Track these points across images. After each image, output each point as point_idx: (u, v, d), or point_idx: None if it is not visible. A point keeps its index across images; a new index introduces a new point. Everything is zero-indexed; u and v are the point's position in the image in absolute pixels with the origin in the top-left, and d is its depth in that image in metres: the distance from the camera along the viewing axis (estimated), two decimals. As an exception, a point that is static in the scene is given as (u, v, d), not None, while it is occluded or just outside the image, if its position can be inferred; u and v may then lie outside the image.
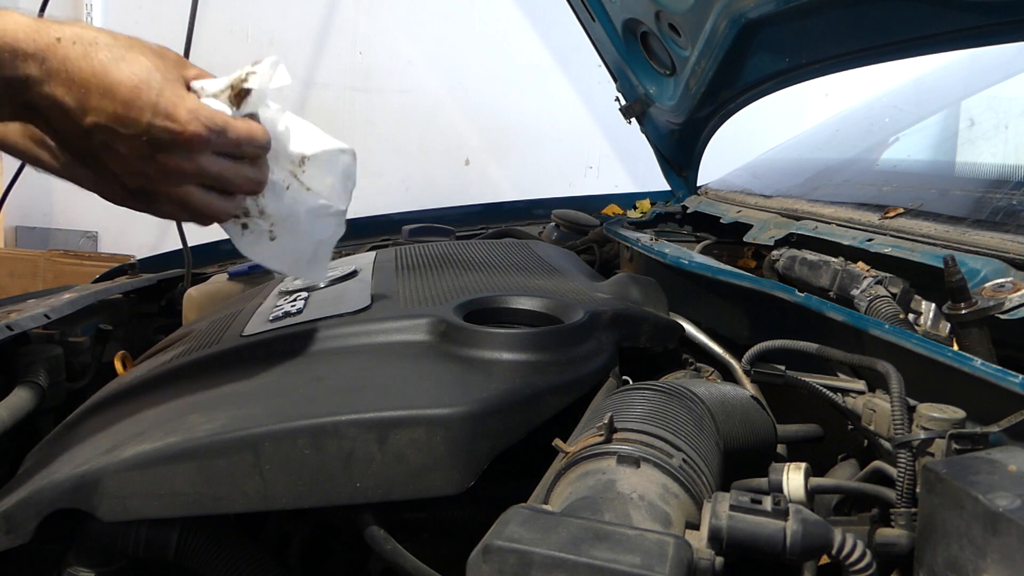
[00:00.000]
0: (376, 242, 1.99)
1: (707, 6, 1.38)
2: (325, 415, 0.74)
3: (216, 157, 0.75)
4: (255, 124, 0.77)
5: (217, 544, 0.77)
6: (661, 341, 1.09)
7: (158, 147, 0.71)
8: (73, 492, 0.72)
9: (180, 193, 0.76)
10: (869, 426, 0.82)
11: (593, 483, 0.62)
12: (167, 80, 0.72)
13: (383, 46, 4.16)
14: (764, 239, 1.35)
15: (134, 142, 0.70)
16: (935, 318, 0.97)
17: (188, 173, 0.74)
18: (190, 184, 0.75)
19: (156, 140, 0.71)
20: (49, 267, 3.44)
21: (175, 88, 0.72)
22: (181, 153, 0.73)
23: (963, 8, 1.08)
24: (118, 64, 0.69)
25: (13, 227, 4.16)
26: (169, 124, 0.71)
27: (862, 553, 0.56)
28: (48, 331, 1.16)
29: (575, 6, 1.81)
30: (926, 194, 1.26)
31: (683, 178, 1.93)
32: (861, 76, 1.46)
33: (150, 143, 0.71)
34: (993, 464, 0.57)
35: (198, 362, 0.96)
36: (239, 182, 0.78)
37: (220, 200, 0.78)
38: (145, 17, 4.00)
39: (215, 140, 0.73)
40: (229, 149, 0.76)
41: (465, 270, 1.22)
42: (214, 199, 0.78)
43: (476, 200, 2.39)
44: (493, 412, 0.75)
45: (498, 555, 0.50)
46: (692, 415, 0.76)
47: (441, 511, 0.82)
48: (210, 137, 0.73)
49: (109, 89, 0.68)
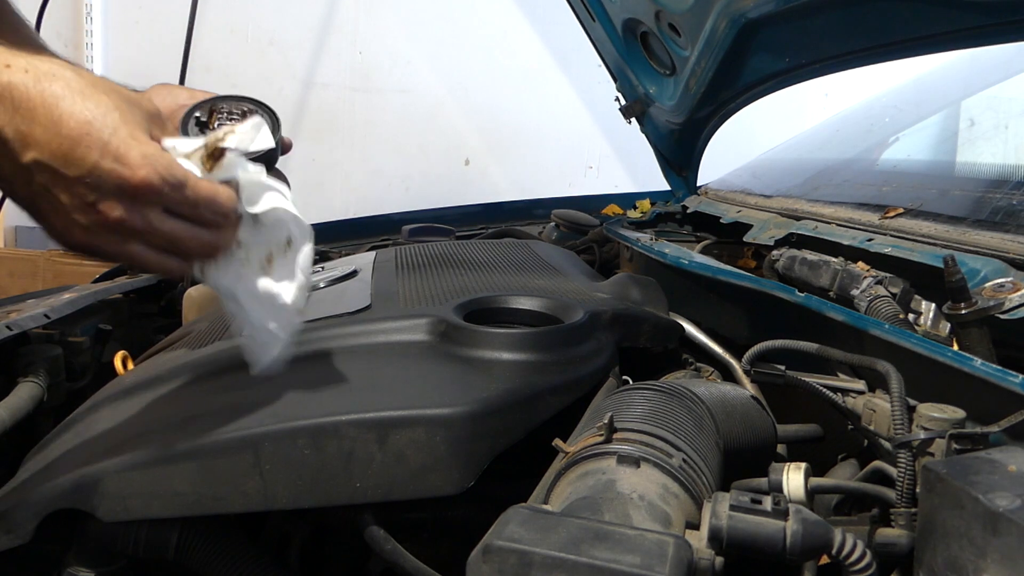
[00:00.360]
0: (376, 242, 1.99)
1: (707, 6, 1.38)
2: (325, 415, 0.74)
3: (168, 216, 0.66)
4: (222, 188, 0.68)
5: (217, 544, 0.77)
6: (661, 341, 1.09)
7: (102, 194, 0.63)
8: (73, 492, 0.72)
9: (125, 252, 0.67)
10: (869, 426, 0.82)
11: (593, 483, 0.62)
12: (125, 122, 0.64)
13: (383, 46, 4.16)
14: (764, 239, 1.35)
15: (76, 188, 0.63)
16: (935, 318, 0.97)
17: (134, 230, 0.65)
18: (136, 243, 0.67)
19: (100, 185, 0.63)
20: (49, 267, 3.44)
21: (132, 131, 0.64)
22: (127, 204, 0.64)
23: (963, 8, 1.08)
24: (72, 98, 0.62)
25: (13, 227, 4.16)
26: (117, 167, 0.62)
27: (862, 553, 0.56)
28: (48, 331, 1.16)
29: (575, 6, 1.81)
30: (926, 194, 1.26)
31: (683, 178, 1.93)
32: (861, 76, 1.46)
33: (93, 188, 0.63)
34: (993, 464, 0.57)
35: (198, 362, 0.96)
36: (192, 246, 0.69)
37: (171, 261, 0.69)
38: (145, 17, 3.99)
39: (168, 194, 0.65)
40: (185, 209, 0.67)
41: (465, 270, 1.22)
42: (164, 260, 0.69)
43: (476, 200, 2.39)
44: (493, 412, 0.75)
45: (498, 555, 0.50)
46: (692, 415, 0.76)
47: (441, 511, 0.82)
48: (162, 189, 0.64)
49: (56, 122, 0.61)
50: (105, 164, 0.62)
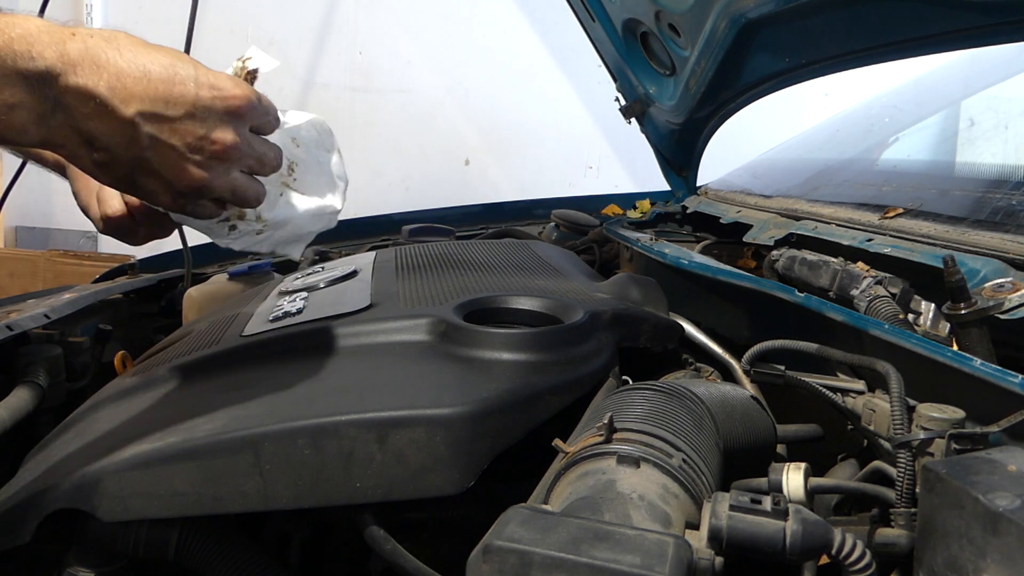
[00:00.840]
0: (376, 242, 1.99)
1: (707, 6, 1.38)
2: (325, 415, 0.74)
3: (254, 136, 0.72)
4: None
5: (217, 544, 0.77)
6: (661, 341, 1.09)
7: (212, 123, 0.67)
8: (73, 492, 0.72)
9: (230, 181, 0.71)
10: (869, 426, 0.82)
11: (593, 483, 0.62)
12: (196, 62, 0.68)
13: (383, 46, 4.17)
14: (764, 239, 1.35)
15: (185, 125, 0.66)
16: (935, 318, 0.97)
17: (239, 153, 0.70)
18: (236, 168, 0.71)
19: (208, 114, 0.66)
20: (49, 267, 3.44)
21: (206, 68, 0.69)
22: (235, 127, 0.69)
23: (963, 8, 1.08)
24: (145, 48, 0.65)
25: (13, 227, 4.16)
26: (217, 93, 0.67)
27: (862, 553, 0.56)
28: (48, 331, 1.16)
29: (575, 6, 1.81)
30: (926, 194, 1.26)
31: (683, 178, 1.93)
32: (861, 76, 1.46)
33: (202, 120, 0.66)
34: (993, 464, 0.57)
35: (198, 362, 0.96)
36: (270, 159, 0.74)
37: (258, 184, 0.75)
38: (145, 17, 4.00)
39: (258, 107, 0.71)
40: (262, 119, 0.73)
41: (465, 270, 1.22)
42: (254, 182, 0.74)
43: (476, 200, 2.39)
44: (493, 412, 0.75)
45: (498, 555, 0.50)
46: (692, 415, 0.76)
47: (441, 511, 0.82)
48: (256, 104, 0.70)
49: (144, 71, 0.64)
50: (205, 93, 0.66)
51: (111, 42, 0.64)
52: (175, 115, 0.65)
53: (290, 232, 0.84)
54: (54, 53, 0.61)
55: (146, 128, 0.64)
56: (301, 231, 0.85)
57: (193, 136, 0.66)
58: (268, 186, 0.78)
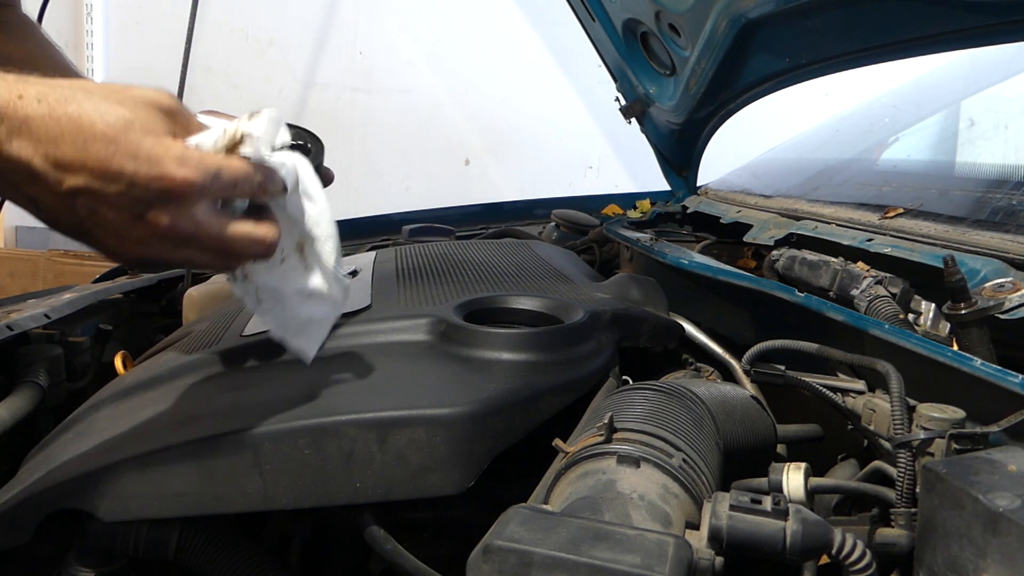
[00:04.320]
0: (376, 242, 1.99)
1: (707, 6, 1.38)
2: (325, 415, 0.74)
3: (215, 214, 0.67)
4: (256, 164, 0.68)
5: (217, 544, 0.77)
6: (661, 341, 1.09)
7: (147, 204, 0.63)
8: (73, 492, 0.72)
9: (179, 258, 0.67)
10: (869, 426, 0.82)
11: (593, 483, 0.62)
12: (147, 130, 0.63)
13: (383, 46, 4.17)
14: (764, 239, 1.35)
15: (121, 201, 0.62)
16: (935, 318, 0.97)
17: (185, 234, 0.65)
18: (189, 248, 0.66)
19: (143, 194, 0.62)
20: (49, 267, 3.45)
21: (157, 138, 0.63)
22: (173, 209, 0.64)
23: (963, 8, 1.08)
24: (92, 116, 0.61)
25: (13, 227, 4.17)
26: (156, 171, 0.62)
27: (862, 553, 0.56)
28: (48, 331, 1.16)
29: (575, 6, 1.81)
30: (926, 194, 1.26)
31: (683, 178, 1.93)
32: (861, 76, 1.46)
33: (137, 200, 0.62)
34: (993, 464, 0.57)
35: (198, 362, 0.96)
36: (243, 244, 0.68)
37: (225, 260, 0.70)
38: (145, 17, 4.00)
39: (209, 186, 0.64)
40: (226, 194, 0.67)
41: (465, 270, 1.22)
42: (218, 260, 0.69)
43: (476, 200, 2.39)
44: (493, 412, 0.75)
45: (498, 555, 0.50)
46: (692, 415, 0.76)
47: (441, 511, 0.82)
48: (204, 183, 0.64)
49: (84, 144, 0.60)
50: (142, 171, 0.62)
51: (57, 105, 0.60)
52: (110, 192, 0.61)
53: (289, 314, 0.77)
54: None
55: (81, 199, 0.62)
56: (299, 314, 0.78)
57: (128, 213, 0.63)
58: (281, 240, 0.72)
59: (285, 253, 0.74)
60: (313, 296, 0.76)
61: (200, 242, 0.66)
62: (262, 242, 0.69)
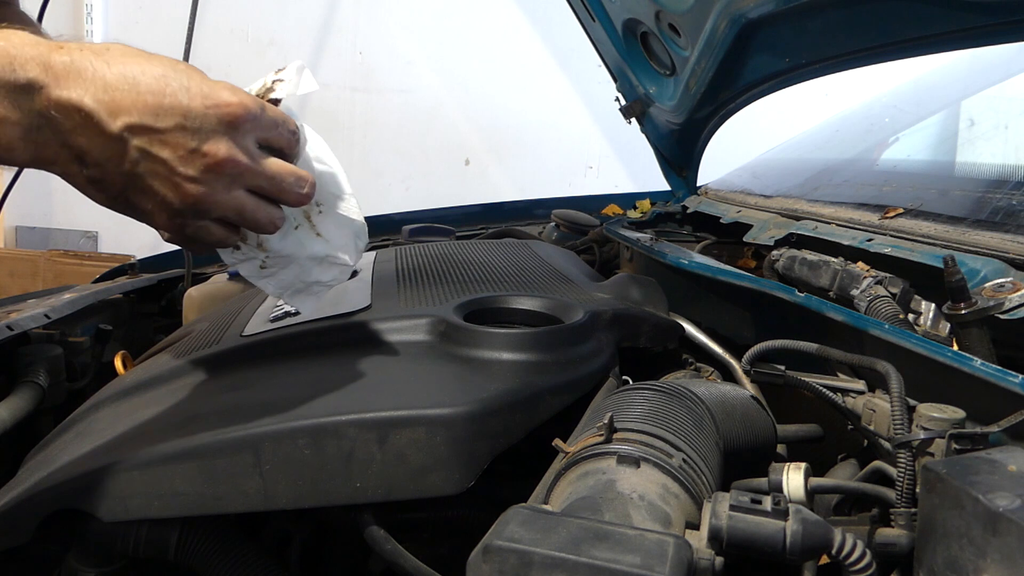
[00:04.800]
0: (376, 242, 1.99)
1: (707, 6, 1.38)
2: (325, 415, 0.74)
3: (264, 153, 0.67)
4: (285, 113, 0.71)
5: (217, 544, 0.77)
6: (661, 341, 1.09)
7: (204, 134, 0.63)
8: (73, 492, 0.72)
9: (235, 200, 0.66)
10: (869, 426, 0.82)
11: (593, 483, 0.62)
12: (193, 72, 0.64)
13: (383, 46, 4.17)
14: (764, 239, 1.35)
15: (176, 137, 0.62)
16: (935, 318, 0.97)
17: (242, 168, 0.65)
18: (241, 187, 0.66)
19: (200, 125, 0.62)
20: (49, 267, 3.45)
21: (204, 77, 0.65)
22: (231, 138, 0.64)
23: (963, 8, 1.08)
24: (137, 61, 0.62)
25: (13, 227, 4.17)
26: (210, 102, 0.63)
27: (862, 553, 0.56)
28: (48, 331, 1.16)
29: (575, 6, 1.81)
30: (926, 194, 1.26)
31: (683, 178, 1.93)
32: (861, 76, 1.46)
33: (193, 131, 0.62)
34: (993, 464, 0.57)
35: (198, 362, 0.96)
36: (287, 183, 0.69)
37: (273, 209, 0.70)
38: (145, 17, 4.00)
39: (260, 116, 0.66)
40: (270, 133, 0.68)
41: (465, 270, 1.22)
42: (265, 205, 0.69)
43: (476, 200, 2.39)
44: (493, 412, 0.75)
45: (498, 555, 0.50)
46: (692, 415, 0.76)
47: (441, 511, 0.82)
48: (256, 112, 0.65)
49: (134, 82, 0.60)
50: (197, 104, 0.62)
51: (101, 54, 0.61)
52: (164, 127, 0.61)
53: (295, 276, 0.79)
54: (37, 66, 0.59)
55: (135, 141, 0.61)
56: (308, 277, 0.79)
57: (184, 148, 0.62)
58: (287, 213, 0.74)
59: (298, 220, 0.76)
60: (325, 261, 0.79)
61: (253, 178, 0.66)
62: (305, 181, 0.70)
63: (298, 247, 0.77)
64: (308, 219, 0.77)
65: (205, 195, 0.65)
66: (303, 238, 0.77)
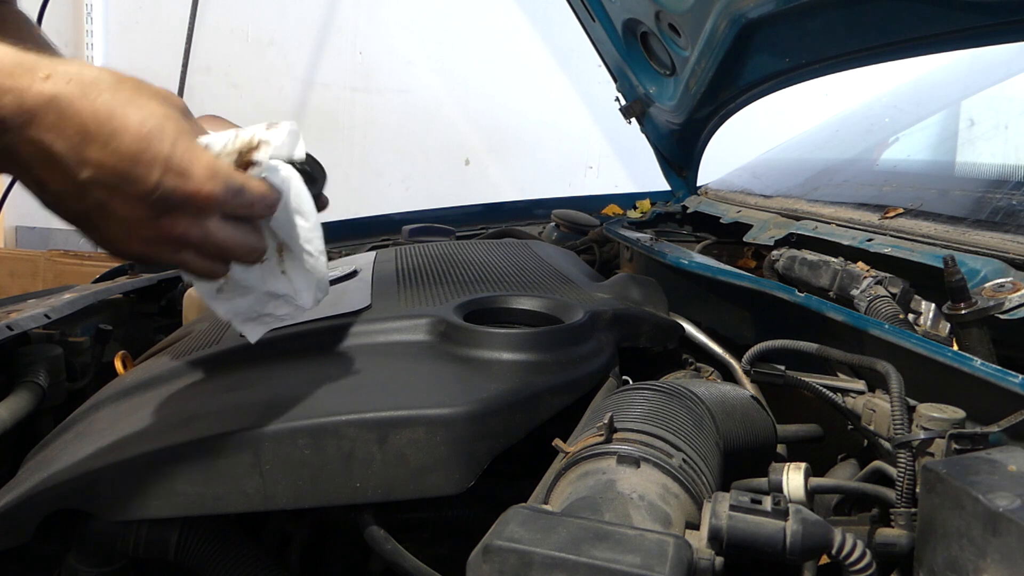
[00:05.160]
0: (376, 242, 1.99)
1: (707, 6, 1.38)
2: (325, 415, 0.74)
3: (223, 223, 0.65)
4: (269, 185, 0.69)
5: (217, 544, 0.77)
6: (661, 341, 1.09)
7: (165, 210, 0.61)
8: (73, 492, 0.72)
9: (176, 259, 0.66)
10: (869, 426, 0.82)
11: (593, 483, 0.62)
12: (181, 131, 0.61)
13: (383, 46, 4.17)
14: (764, 239, 1.35)
15: (137, 204, 0.60)
16: (935, 318, 0.97)
17: (192, 241, 0.64)
18: (189, 252, 0.66)
19: (164, 201, 0.60)
20: (49, 267, 3.45)
21: (190, 141, 0.62)
22: (190, 218, 0.63)
23: (963, 8, 1.08)
24: (124, 108, 0.58)
25: (13, 227, 4.17)
26: (182, 183, 0.60)
27: (862, 553, 0.56)
28: (48, 331, 1.16)
29: (575, 6, 1.81)
30: (926, 194, 1.26)
31: (683, 178, 1.93)
32: (861, 76, 1.46)
33: (156, 205, 0.60)
34: (993, 464, 0.57)
35: (198, 362, 0.96)
36: (240, 252, 0.68)
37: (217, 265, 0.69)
38: (145, 17, 4.00)
39: (230, 202, 0.64)
40: (241, 212, 0.66)
41: (465, 270, 1.22)
42: (212, 266, 0.68)
43: (476, 200, 2.39)
44: (493, 412, 0.75)
45: (498, 555, 0.50)
46: (692, 415, 0.76)
47: (441, 511, 0.82)
48: (226, 199, 0.63)
49: (112, 136, 0.57)
50: (169, 181, 0.59)
51: (89, 89, 0.57)
52: (129, 192, 0.59)
53: (249, 306, 0.77)
54: (13, 102, 0.55)
55: (96, 192, 0.59)
56: (262, 309, 0.78)
57: (142, 215, 0.61)
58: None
59: (267, 255, 0.74)
60: (282, 299, 0.78)
61: (202, 248, 0.66)
62: (255, 251, 0.69)
63: (259, 281, 0.75)
64: (278, 253, 0.76)
65: (153, 253, 0.65)
66: (267, 273, 0.75)
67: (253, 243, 0.69)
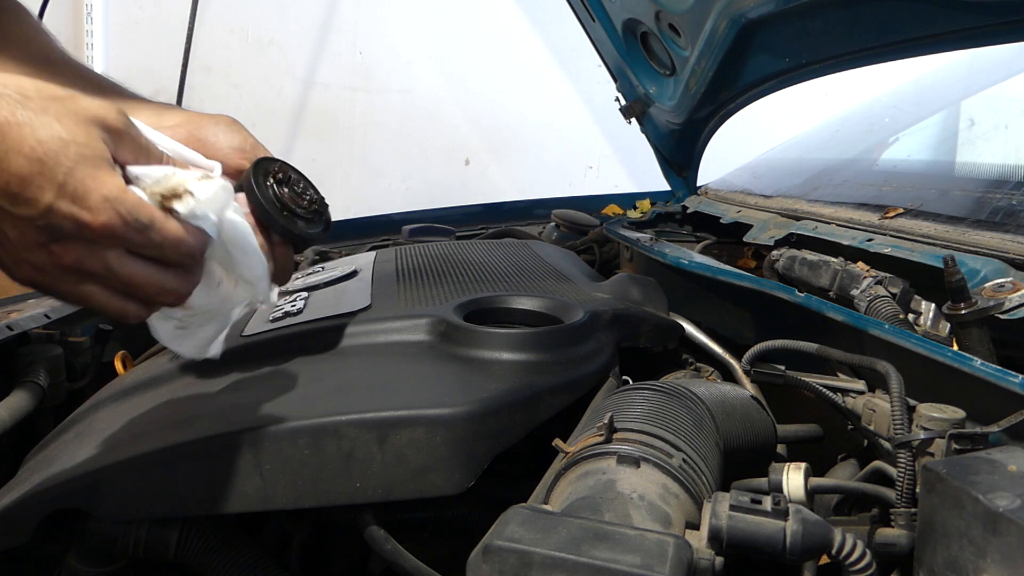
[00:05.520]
0: (376, 242, 1.99)
1: (707, 6, 1.38)
2: (325, 415, 0.74)
3: (129, 258, 0.60)
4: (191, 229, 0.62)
5: (217, 544, 0.77)
6: (661, 341, 1.09)
7: (55, 236, 0.57)
8: (73, 492, 0.72)
9: (78, 293, 0.61)
10: (869, 426, 0.82)
11: (593, 483, 0.62)
12: (83, 157, 0.56)
13: (383, 46, 4.16)
14: (764, 239, 1.35)
15: (27, 227, 0.56)
16: (935, 318, 0.97)
17: (91, 272, 0.59)
18: (92, 284, 0.60)
19: (54, 227, 0.56)
20: (49, 267, 3.43)
21: (92, 166, 0.57)
22: (84, 248, 0.58)
23: (963, 8, 1.08)
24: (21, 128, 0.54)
25: (13, 227, 4.16)
26: (75, 210, 0.56)
27: (862, 553, 0.56)
28: (48, 331, 1.16)
29: (575, 6, 1.81)
30: (926, 194, 1.26)
31: (683, 178, 1.93)
32: (861, 76, 1.46)
33: (45, 230, 0.56)
34: (993, 464, 0.57)
35: (198, 362, 0.96)
36: (153, 292, 0.62)
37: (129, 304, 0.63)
38: (145, 17, 3.99)
39: (132, 237, 0.58)
40: (149, 251, 0.60)
41: (465, 270, 1.22)
42: (121, 303, 0.62)
43: (476, 200, 2.39)
44: (493, 412, 0.75)
45: (498, 555, 0.50)
46: (692, 415, 0.76)
47: (441, 511, 0.82)
48: (125, 233, 0.58)
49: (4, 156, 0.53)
50: (61, 207, 0.55)
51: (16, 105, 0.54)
52: (18, 214, 0.55)
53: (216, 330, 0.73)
54: None
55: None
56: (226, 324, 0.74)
57: (32, 240, 0.57)
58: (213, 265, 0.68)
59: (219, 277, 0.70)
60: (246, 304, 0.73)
61: (105, 282, 0.61)
62: (171, 293, 0.64)
63: (223, 302, 0.70)
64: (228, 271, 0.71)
65: (48, 282, 0.60)
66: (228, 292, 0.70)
67: (168, 284, 0.63)
